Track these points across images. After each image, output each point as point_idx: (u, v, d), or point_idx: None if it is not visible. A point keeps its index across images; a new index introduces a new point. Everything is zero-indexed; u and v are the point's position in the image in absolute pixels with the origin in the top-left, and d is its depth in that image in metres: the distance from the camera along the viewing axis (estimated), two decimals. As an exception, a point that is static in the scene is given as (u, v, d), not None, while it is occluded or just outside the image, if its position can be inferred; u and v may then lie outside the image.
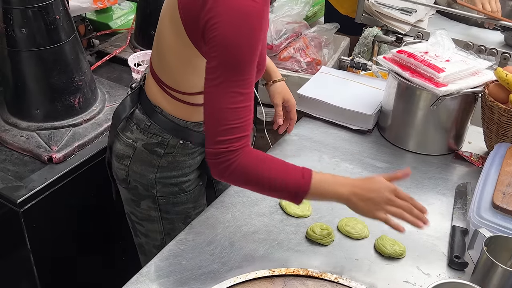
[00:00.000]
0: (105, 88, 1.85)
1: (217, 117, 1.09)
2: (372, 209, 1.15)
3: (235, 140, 1.09)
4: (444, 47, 1.62)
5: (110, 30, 2.23)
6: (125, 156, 1.39)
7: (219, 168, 1.11)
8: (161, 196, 1.40)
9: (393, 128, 1.68)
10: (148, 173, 1.37)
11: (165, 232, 1.46)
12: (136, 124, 1.36)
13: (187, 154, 1.38)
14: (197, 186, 1.45)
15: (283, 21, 2.77)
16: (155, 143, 1.34)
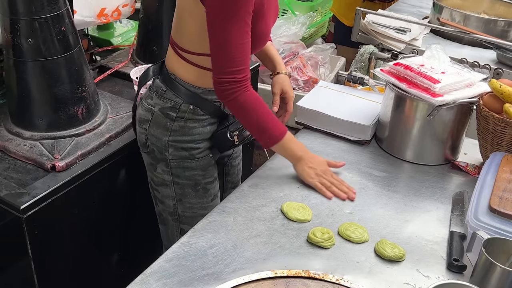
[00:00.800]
0: (107, 100, 1.88)
1: (223, 51, 1.33)
2: (312, 174, 1.48)
3: (239, 72, 1.36)
4: (439, 60, 1.67)
5: (112, 46, 2.27)
6: (145, 121, 1.55)
7: (224, 93, 1.39)
8: (172, 160, 1.54)
9: (391, 139, 1.71)
10: (163, 136, 1.52)
11: (176, 198, 1.59)
12: (155, 91, 1.53)
13: (197, 120, 1.52)
14: (207, 156, 1.57)
15: (281, 41, 2.84)
16: (169, 107, 1.51)
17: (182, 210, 1.62)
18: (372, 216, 1.42)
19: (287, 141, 1.48)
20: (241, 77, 1.37)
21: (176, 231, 1.65)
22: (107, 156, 1.67)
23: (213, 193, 1.64)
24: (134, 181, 1.78)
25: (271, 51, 1.71)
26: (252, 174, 1.57)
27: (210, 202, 1.63)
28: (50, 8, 1.53)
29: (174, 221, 1.64)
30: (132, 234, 1.86)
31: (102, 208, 1.71)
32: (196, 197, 1.61)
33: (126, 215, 1.82)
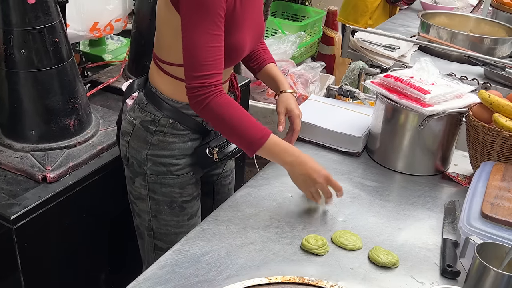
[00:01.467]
0: (99, 113, 1.88)
1: (192, 54, 1.29)
2: (308, 183, 1.39)
3: (208, 77, 1.30)
4: (428, 72, 1.69)
5: (104, 62, 2.28)
6: (126, 133, 1.52)
7: (195, 101, 1.32)
8: (150, 174, 1.50)
9: (382, 150, 1.72)
10: (142, 149, 1.49)
11: (152, 214, 1.55)
12: (138, 104, 1.51)
13: (177, 135, 1.48)
14: (186, 174, 1.52)
15: (271, 59, 2.86)
16: (149, 120, 1.48)
17: (156, 226, 1.57)
18: (365, 224, 1.43)
19: (272, 145, 1.37)
20: (212, 82, 1.31)
21: (151, 246, 1.61)
22: (98, 167, 1.67)
23: (191, 212, 1.58)
24: (126, 193, 1.77)
25: (273, 72, 1.66)
26: (244, 184, 1.57)
27: (186, 221, 1.58)
28: (44, 20, 1.54)
29: (149, 236, 1.60)
30: (124, 246, 1.84)
31: (94, 220, 1.69)
32: (171, 215, 1.55)
33: (117, 227, 1.80)
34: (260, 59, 1.65)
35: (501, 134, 1.51)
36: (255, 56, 1.65)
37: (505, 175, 1.45)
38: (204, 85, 1.30)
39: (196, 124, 1.50)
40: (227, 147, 1.51)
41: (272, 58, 1.69)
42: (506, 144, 1.52)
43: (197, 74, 1.30)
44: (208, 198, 1.74)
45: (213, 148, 1.49)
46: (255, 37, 1.50)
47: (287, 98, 1.61)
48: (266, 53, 1.67)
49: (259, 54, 1.66)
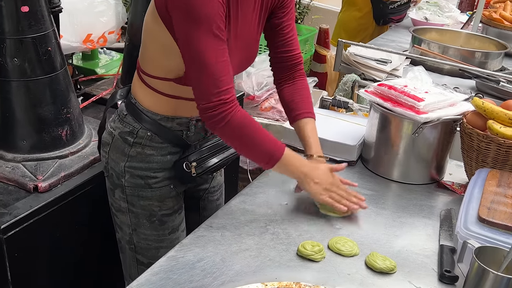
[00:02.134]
0: (91, 125, 1.87)
1: (204, 71, 1.25)
2: (320, 191, 1.41)
3: (226, 92, 1.27)
4: (422, 81, 1.70)
5: (97, 75, 2.27)
6: (106, 144, 1.50)
7: (215, 119, 1.28)
8: (128, 186, 1.47)
9: (377, 159, 1.72)
10: (120, 161, 1.46)
11: (132, 227, 1.51)
12: (118, 115, 1.49)
13: (155, 148, 1.45)
14: (165, 186, 1.48)
15: (264, 74, 2.87)
16: (127, 131, 1.45)
17: (137, 240, 1.53)
18: (361, 231, 1.41)
19: (289, 157, 1.38)
20: (229, 97, 1.27)
21: (133, 260, 1.56)
22: (90, 178, 1.65)
23: (172, 226, 1.54)
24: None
25: (304, 130, 1.54)
26: (239, 192, 1.55)
27: (167, 235, 1.53)
28: (37, 28, 1.54)
29: (130, 250, 1.56)
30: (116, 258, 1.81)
31: (85, 231, 1.67)
32: (151, 229, 1.51)
33: (109, 238, 1.77)
34: (296, 111, 1.56)
35: (496, 140, 1.51)
36: (293, 104, 1.57)
37: (500, 181, 1.44)
38: (223, 102, 1.27)
39: (175, 137, 1.47)
40: (207, 161, 1.48)
41: (310, 109, 1.57)
42: (500, 150, 1.52)
43: (214, 92, 1.26)
44: (194, 213, 1.70)
45: (191, 162, 1.45)
46: (242, 61, 1.47)
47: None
48: (303, 104, 1.57)
49: (297, 103, 1.57)
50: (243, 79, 2.82)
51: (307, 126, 1.54)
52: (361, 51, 2.50)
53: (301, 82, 1.59)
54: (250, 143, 1.34)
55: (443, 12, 3.36)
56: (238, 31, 1.37)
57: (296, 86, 1.57)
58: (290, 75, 1.58)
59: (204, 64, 1.24)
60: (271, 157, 1.36)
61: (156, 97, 1.42)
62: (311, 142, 1.52)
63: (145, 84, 1.43)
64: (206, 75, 1.25)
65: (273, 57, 1.57)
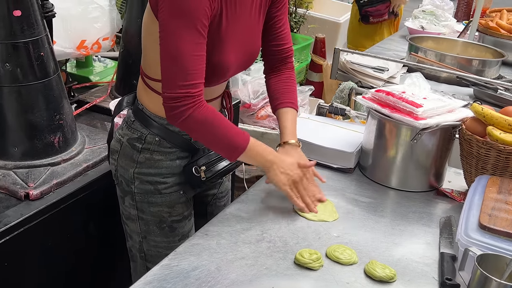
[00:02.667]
0: (85, 132, 1.84)
1: (176, 63, 1.24)
2: (285, 181, 1.39)
3: (193, 86, 1.25)
4: (420, 87, 1.68)
5: (91, 83, 2.24)
6: (115, 151, 1.49)
7: (175, 112, 1.26)
8: (138, 193, 1.46)
9: (375, 166, 1.69)
10: (129, 168, 1.45)
11: (142, 235, 1.49)
12: (126, 121, 1.48)
13: (164, 153, 1.44)
14: (174, 192, 1.47)
15: (260, 82, 2.85)
16: (136, 137, 1.44)
17: (147, 248, 1.52)
18: (360, 239, 1.38)
19: (253, 147, 1.36)
20: (195, 92, 1.26)
21: (143, 269, 1.54)
22: (83, 185, 1.62)
23: (182, 232, 1.53)
24: (112, 212, 1.71)
25: (283, 120, 1.53)
26: (234, 200, 1.52)
27: (177, 242, 1.51)
28: (30, 33, 1.51)
29: (141, 259, 1.54)
30: (109, 268, 1.77)
31: (78, 240, 1.63)
32: (161, 236, 1.50)
33: (103, 247, 1.73)
34: (278, 100, 1.57)
35: (496, 147, 1.49)
36: (276, 94, 1.58)
37: (501, 188, 1.42)
38: (188, 95, 1.26)
39: (183, 142, 1.46)
40: (215, 165, 1.47)
41: (291, 100, 1.57)
42: (500, 157, 1.50)
43: (181, 83, 1.25)
44: (202, 219, 1.66)
45: (200, 166, 1.45)
46: (244, 58, 1.46)
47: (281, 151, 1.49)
48: (286, 94, 1.57)
49: (280, 93, 1.57)
50: (239, 87, 2.81)
51: (286, 115, 1.55)
52: (358, 59, 2.49)
53: (288, 74, 1.60)
54: (212, 137, 1.33)
55: (439, 21, 3.36)
56: (232, 30, 1.36)
57: (282, 77, 1.59)
58: (279, 66, 1.59)
59: (177, 54, 1.24)
60: (236, 148, 1.34)
61: (162, 101, 1.38)
62: (286, 130, 1.52)
63: (150, 88, 1.43)
64: (177, 66, 1.25)
65: (265, 49, 1.58)
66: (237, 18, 1.36)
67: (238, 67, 1.47)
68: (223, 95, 1.56)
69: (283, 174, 1.40)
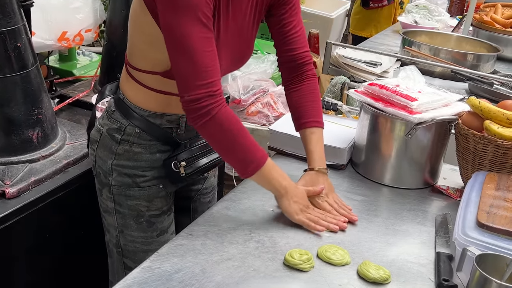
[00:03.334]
0: (66, 127, 1.76)
1: (189, 61, 1.16)
2: (297, 210, 1.32)
3: (212, 84, 1.18)
4: (414, 80, 1.63)
5: (74, 77, 2.17)
6: (94, 141, 1.43)
7: (200, 113, 1.18)
8: (115, 185, 1.40)
9: (368, 163, 1.63)
10: (108, 159, 1.39)
11: (119, 229, 1.45)
12: (107, 111, 1.42)
13: (144, 146, 1.38)
14: (153, 186, 1.42)
15: (251, 78, 2.78)
16: (115, 128, 1.38)
17: (124, 243, 1.45)
18: (352, 239, 1.32)
19: (270, 168, 1.28)
20: (216, 90, 1.19)
21: (120, 265, 1.48)
22: (63, 183, 1.55)
23: (160, 228, 1.46)
24: (93, 211, 1.63)
25: (309, 143, 1.45)
26: (222, 198, 1.46)
27: (155, 237, 1.45)
28: (5, 22, 1.44)
29: (118, 254, 1.48)
30: (92, 268, 1.70)
31: (58, 240, 1.56)
32: (139, 230, 1.44)
33: (84, 248, 1.66)
34: (302, 118, 1.46)
35: (493, 142, 1.43)
36: (300, 111, 1.47)
37: (499, 184, 1.36)
38: (209, 94, 1.18)
39: (164, 135, 1.40)
40: (196, 161, 1.41)
41: (316, 118, 1.47)
42: (498, 152, 1.44)
43: (201, 83, 1.17)
44: (185, 215, 1.62)
45: (180, 162, 1.38)
46: (234, 60, 1.40)
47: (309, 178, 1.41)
48: (310, 110, 1.47)
49: (303, 110, 1.47)
50: (228, 82, 2.74)
51: (312, 136, 1.45)
52: (350, 53, 2.43)
53: (309, 85, 1.48)
54: (232, 143, 1.24)
55: (432, 16, 3.30)
56: (229, 25, 1.30)
57: (304, 91, 1.48)
58: (297, 76, 1.48)
59: (190, 52, 1.16)
60: (252, 162, 1.25)
61: (144, 92, 1.36)
62: (313, 155, 1.44)
63: (133, 79, 1.37)
64: (192, 65, 1.17)
65: (279, 57, 1.50)
66: (229, 15, 1.29)
67: (229, 68, 1.42)
68: None
69: (296, 204, 1.32)
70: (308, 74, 1.49)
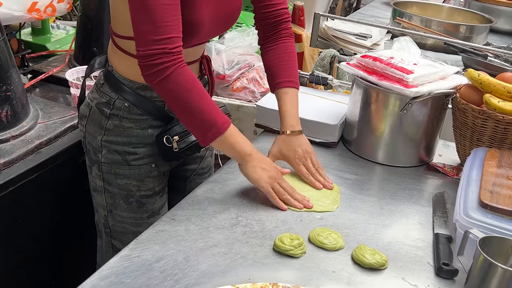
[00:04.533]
0: (39, 105, 1.65)
1: (145, 14, 1.08)
2: (265, 178, 1.23)
3: (169, 41, 1.10)
4: (409, 52, 1.53)
5: (48, 51, 2.04)
6: (83, 116, 1.36)
7: (152, 71, 1.11)
8: (104, 163, 1.34)
9: (360, 140, 1.55)
10: (97, 135, 1.33)
11: (107, 208, 1.38)
12: (96, 84, 1.35)
13: (134, 120, 1.31)
14: (145, 165, 1.34)
15: (235, 52, 2.67)
16: (104, 102, 1.31)
17: (112, 223, 1.39)
18: (345, 222, 1.24)
19: (233, 134, 1.21)
20: (173, 48, 1.11)
21: (108, 246, 1.42)
22: (36, 165, 1.45)
23: (151, 209, 1.40)
24: (69, 193, 1.54)
25: (282, 104, 1.38)
26: (206, 179, 1.37)
27: (145, 219, 1.39)
28: (-34, -10, 1.31)
29: (106, 235, 1.42)
30: (68, 255, 1.61)
31: (31, 225, 1.46)
32: (128, 211, 1.37)
33: (59, 232, 1.57)
34: (277, 78, 1.39)
35: (493, 116, 1.35)
36: (274, 71, 1.40)
37: (501, 161, 1.28)
38: (165, 52, 1.10)
39: (155, 109, 1.31)
40: (190, 135, 1.32)
41: (291, 78, 1.39)
42: (499, 127, 1.36)
43: (156, 38, 1.10)
44: (179, 196, 1.51)
45: (172, 136, 1.30)
46: (220, 15, 1.28)
47: (282, 140, 1.36)
48: (285, 70, 1.40)
49: (278, 70, 1.40)
50: (212, 57, 2.62)
51: (285, 96, 1.38)
52: (339, 26, 2.32)
53: (285, 45, 1.41)
54: (189, 106, 1.16)
55: (423, -13, 3.20)
56: None
57: (279, 50, 1.40)
58: (274, 35, 1.41)
59: (145, 5, 1.09)
60: (212, 127, 1.18)
61: (131, 62, 1.25)
62: (286, 116, 1.36)
63: (119, 48, 1.28)
64: (146, 19, 1.10)
65: (256, 13, 1.42)
66: None
67: (214, 27, 1.29)
68: (201, 60, 1.39)
69: (263, 170, 1.24)
70: (284, 33, 1.41)
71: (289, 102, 1.37)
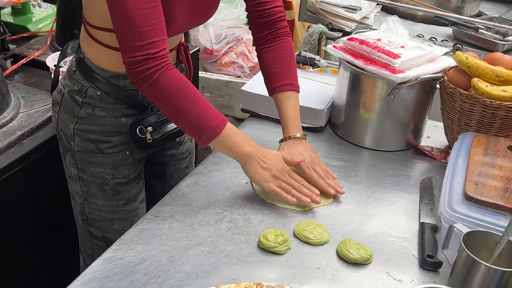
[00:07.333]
0: (20, 93, 1.61)
1: (124, 21, 1.06)
2: (267, 178, 1.21)
3: (151, 46, 1.08)
4: (397, 33, 1.49)
5: (29, 33, 1.99)
6: (56, 103, 1.34)
7: (140, 77, 1.10)
8: (78, 151, 1.32)
9: (347, 124, 1.53)
10: (70, 122, 1.30)
11: (83, 196, 1.37)
12: (68, 71, 1.32)
13: (107, 109, 1.28)
14: (119, 152, 1.32)
15: (223, 25, 2.63)
16: (76, 90, 1.29)
17: (88, 211, 1.38)
18: (331, 212, 1.23)
19: (230, 134, 1.18)
20: (156, 52, 1.09)
21: (86, 233, 1.41)
22: (18, 157, 1.42)
23: (127, 196, 1.38)
24: (53, 186, 1.52)
25: (283, 108, 1.33)
26: (190, 172, 1.35)
27: (122, 206, 1.38)
28: None
29: (83, 222, 1.40)
30: (52, 247, 1.60)
31: (15, 219, 1.45)
32: (103, 199, 1.35)
33: (43, 225, 1.56)
34: (276, 82, 1.34)
35: (481, 101, 1.33)
36: (273, 73, 1.35)
37: (487, 148, 1.27)
38: (148, 57, 1.08)
39: (128, 98, 1.29)
40: (164, 126, 1.30)
41: (291, 81, 1.35)
42: (486, 112, 1.34)
43: (137, 44, 1.07)
44: (160, 181, 1.53)
45: (146, 127, 1.27)
46: (196, 11, 1.24)
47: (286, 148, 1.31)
48: (284, 73, 1.35)
49: (277, 72, 1.34)
50: (199, 31, 2.57)
51: (287, 101, 1.33)
52: (328, -2, 2.27)
53: (283, 45, 1.35)
54: (179, 111, 1.14)
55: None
56: None
57: (277, 50, 1.34)
58: (270, 34, 1.34)
59: (122, 11, 1.06)
60: (207, 129, 1.15)
61: (104, 51, 1.23)
62: (288, 122, 1.33)
63: (90, 37, 1.24)
64: (126, 26, 1.07)
65: (248, 12, 1.35)
66: None
67: (190, 20, 1.25)
68: (178, 47, 1.35)
69: (264, 170, 1.21)
70: (281, 32, 1.35)
71: (291, 107, 1.33)
